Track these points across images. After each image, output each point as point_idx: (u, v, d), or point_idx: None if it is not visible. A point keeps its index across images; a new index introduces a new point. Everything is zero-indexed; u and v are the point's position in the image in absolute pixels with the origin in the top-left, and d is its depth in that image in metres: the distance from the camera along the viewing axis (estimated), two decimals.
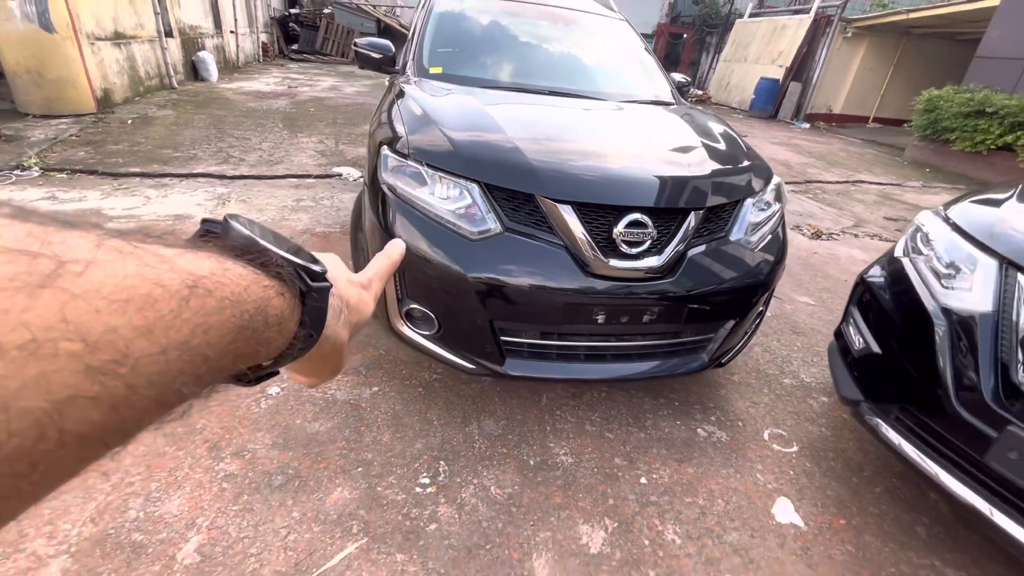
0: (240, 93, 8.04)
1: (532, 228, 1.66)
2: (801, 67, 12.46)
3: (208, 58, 8.52)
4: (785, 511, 1.68)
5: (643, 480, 1.74)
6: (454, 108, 2.04)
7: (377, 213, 1.78)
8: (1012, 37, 8.17)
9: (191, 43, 8.45)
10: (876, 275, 1.83)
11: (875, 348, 1.70)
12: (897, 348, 1.63)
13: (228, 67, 10.31)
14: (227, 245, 0.28)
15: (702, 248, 1.76)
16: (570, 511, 1.59)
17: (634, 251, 1.65)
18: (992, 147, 7.68)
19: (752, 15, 14.58)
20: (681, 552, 1.50)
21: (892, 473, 1.89)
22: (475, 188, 1.67)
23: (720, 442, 1.95)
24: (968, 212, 1.69)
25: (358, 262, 2.53)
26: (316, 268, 0.31)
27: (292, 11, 15.93)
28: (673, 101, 2.72)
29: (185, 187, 4.06)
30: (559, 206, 1.61)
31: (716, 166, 1.90)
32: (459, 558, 1.42)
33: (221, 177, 4.33)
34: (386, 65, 2.64)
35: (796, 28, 12.46)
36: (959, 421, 1.38)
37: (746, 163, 2.02)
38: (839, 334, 1.97)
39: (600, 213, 1.64)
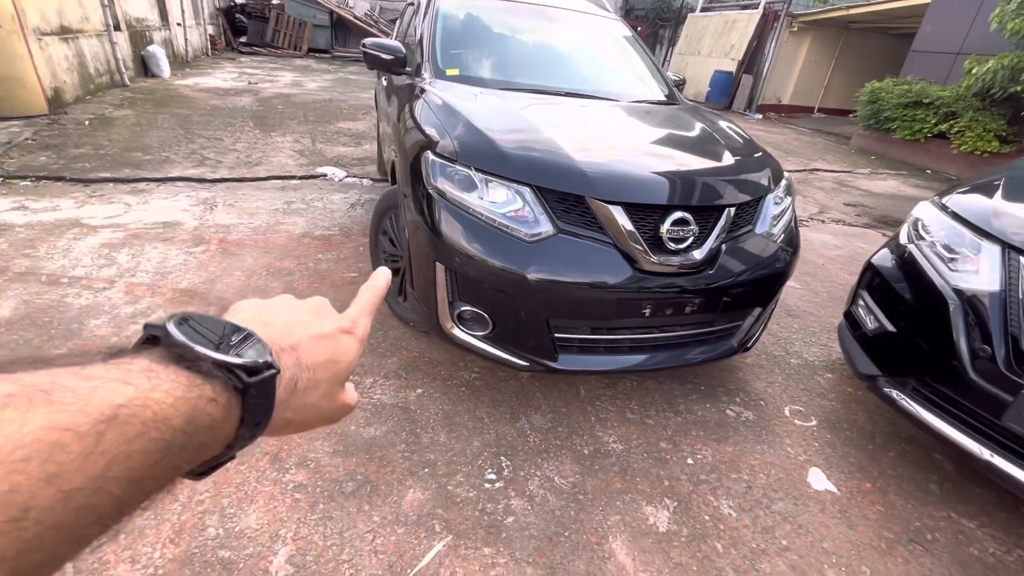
0: (199, 90, 7.65)
1: (583, 228, 1.73)
2: (752, 60, 13.03)
3: (159, 52, 8.04)
4: (819, 479, 1.85)
5: (690, 461, 1.86)
6: (490, 111, 2.07)
7: (425, 218, 1.80)
8: (943, 32, 8.87)
9: (139, 37, 7.95)
10: (884, 261, 2.02)
11: (889, 327, 1.88)
12: (911, 326, 1.81)
13: (178, 62, 9.76)
14: (165, 353, 0.28)
15: (734, 242, 1.89)
16: (632, 495, 1.69)
17: (678, 247, 1.75)
18: (929, 135, 8.33)
19: (703, 9, 15.09)
20: (739, 524, 1.63)
21: (901, 439, 2.09)
22: (527, 191, 1.72)
23: (749, 421, 2.10)
24: (966, 202, 1.89)
25: (378, 263, 2.53)
26: (256, 360, 0.31)
27: (238, 1, 15.19)
28: (677, 100, 2.84)
29: (165, 192, 3.88)
30: (610, 207, 1.69)
31: (742, 164, 2.03)
32: (543, 547, 1.49)
33: (201, 181, 4.16)
34: (397, 67, 2.62)
35: (746, 22, 13.01)
36: (976, 389, 1.57)
37: (764, 160, 2.16)
38: (849, 315, 2.16)
39: (647, 212, 1.73)
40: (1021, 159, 2.22)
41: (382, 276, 0.50)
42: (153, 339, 0.30)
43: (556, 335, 1.78)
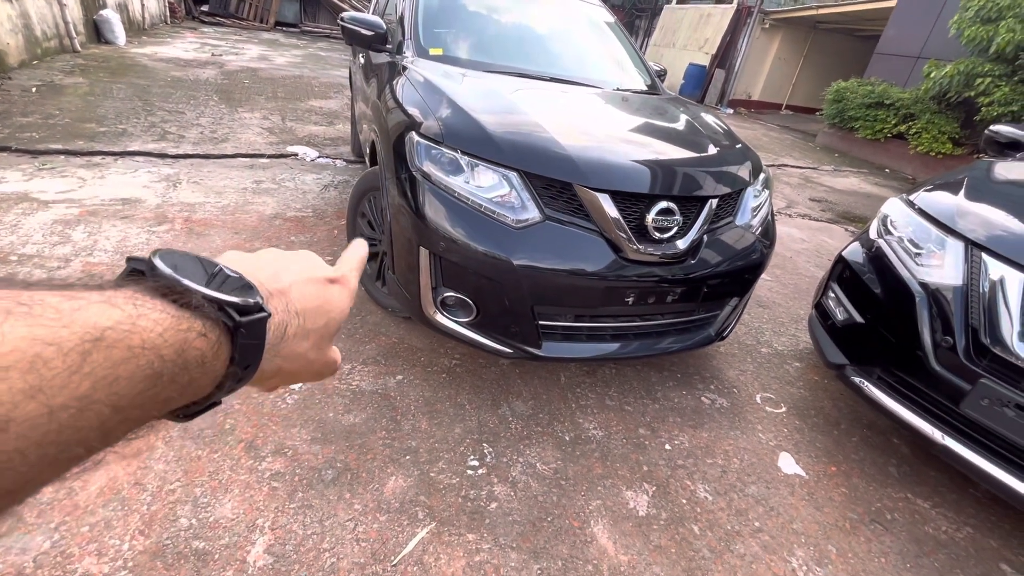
0: (158, 60, 7.22)
1: (570, 215, 1.72)
2: (725, 55, 13.23)
3: (113, 18, 7.54)
4: (788, 464, 1.92)
5: (667, 447, 1.91)
6: (477, 93, 2.03)
7: (408, 201, 1.76)
8: (905, 37, 9.21)
9: (90, 0, 7.43)
10: (855, 255, 2.09)
11: (858, 318, 1.95)
12: (879, 317, 1.89)
13: (134, 29, 9.18)
14: (151, 285, 0.28)
15: (715, 233, 1.92)
16: (613, 480, 1.72)
17: (662, 236, 1.77)
18: (889, 135, 8.68)
19: (679, 1, 15.19)
20: (715, 507, 1.68)
21: (862, 424, 2.20)
22: (514, 176, 1.70)
23: (723, 408, 2.17)
24: (932, 200, 1.98)
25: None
26: (247, 300, 0.30)
27: None
28: (659, 90, 2.86)
29: (123, 167, 3.66)
30: (597, 195, 1.68)
31: (725, 157, 2.06)
32: (526, 532, 1.50)
33: (163, 156, 3.94)
34: (377, 43, 2.53)
35: (720, 17, 13.18)
36: (937, 378, 1.65)
37: (744, 153, 2.20)
38: (819, 306, 2.24)
39: (634, 201, 1.74)
40: (980, 160, 2.33)
41: (360, 246, 0.49)
42: (137, 273, 0.29)
43: (540, 322, 1.78)
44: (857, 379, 1.91)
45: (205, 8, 13.65)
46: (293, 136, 4.95)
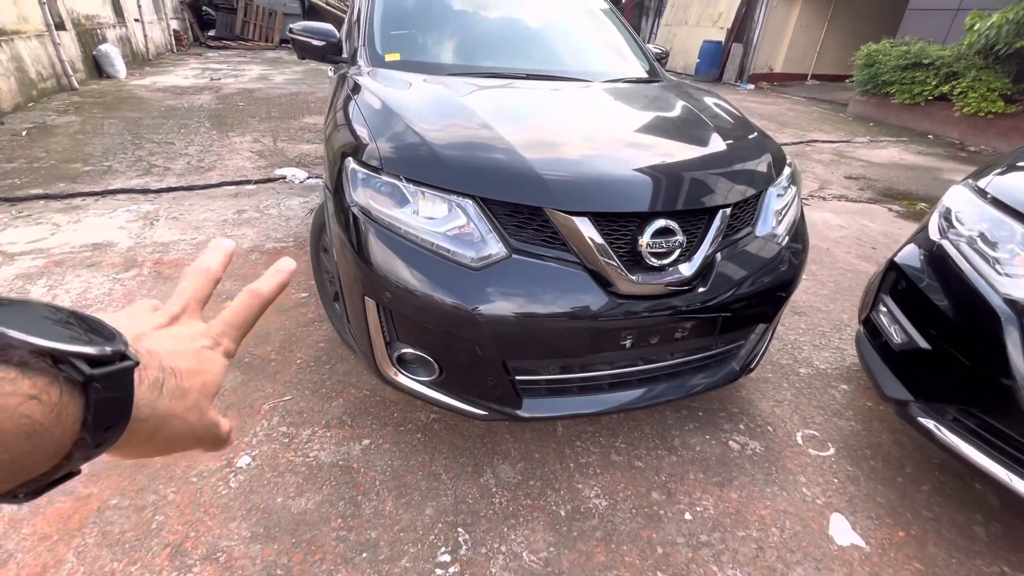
0: (155, 90, 7.19)
1: (542, 247, 1.39)
2: (741, 28, 12.50)
3: (112, 51, 7.56)
4: (842, 530, 1.54)
5: (687, 516, 1.55)
6: (427, 103, 1.72)
7: (351, 240, 1.46)
8: None
9: (89, 35, 7.46)
10: (911, 260, 1.68)
11: (922, 343, 1.55)
12: (950, 343, 1.49)
13: (138, 60, 9.26)
14: None
15: (731, 248, 1.55)
16: (618, 571, 1.39)
17: (662, 262, 1.41)
18: (929, 98, 7.93)
19: None
20: None
21: (933, 466, 1.79)
22: (469, 205, 1.38)
23: (756, 454, 1.79)
24: (1010, 186, 1.55)
25: (324, 287, 2.20)
26: (103, 349, 0.25)
27: None
28: (659, 77, 2.48)
29: (102, 207, 3.51)
30: (574, 219, 1.35)
31: (737, 151, 1.68)
32: None
33: (145, 192, 3.78)
34: (331, 53, 2.25)
35: None
36: None
37: (761, 144, 1.81)
38: (868, 323, 1.83)
39: (621, 222, 1.39)
40: None
41: (275, 274, 0.41)
42: None
43: (518, 378, 1.46)
44: (926, 420, 1.52)
45: (212, 33, 13.80)
46: (283, 157, 4.75)
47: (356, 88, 1.88)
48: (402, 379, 1.51)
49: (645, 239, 1.37)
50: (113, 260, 2.82)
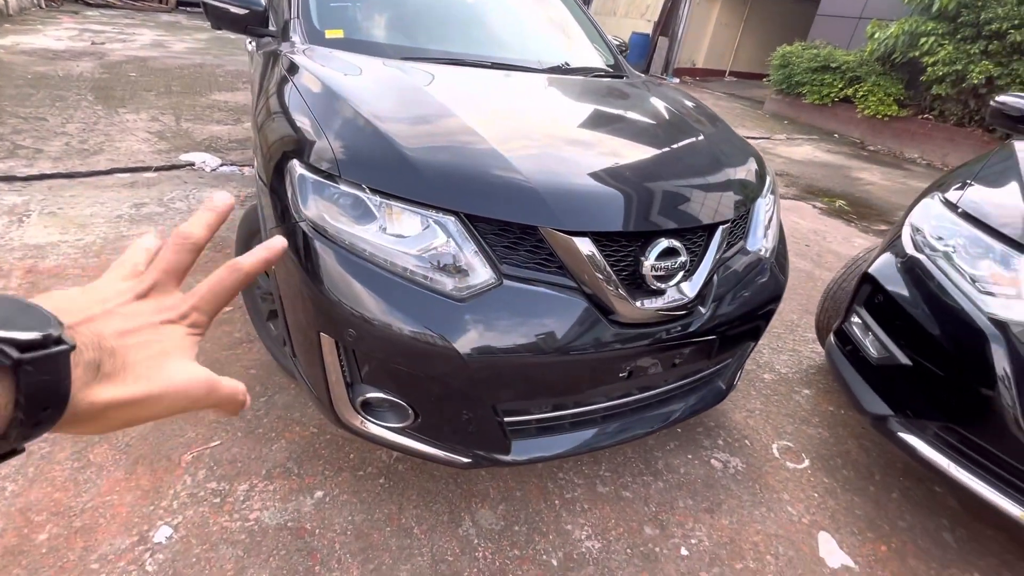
0: (19, 52, 6.04)
1: (535, 272, 1.20)
2: (667, 22, 12.84)
3: None
4: (831, 550, 1.52)
5: (684, 551, 1.46)
6: (389, 94, 1.45)
7: (301, 263, 1.19)
8: None
9: None
10: (887, 273, 1.68)
11: (902, 359, 1.55)
12: (931, 360, 1.49)
13: None
14: None
15: (726, 266, 1.45)
16: None
17: (665, 285, 1.28)
18: (836, 99, 8.57)
19: None
20: None
21: (898, 471, 1.84)
22: (451, 222, 1.15)
23: (739, 472, 1.74)
24: (982, 202, 1.58)
25: (255, 304, 1.87)
26: (32, 334, 0.25)
27: None
28: (624, 71, 2.34)
29: None
30: (575, 240, 1.17)
31: (728, 161, 1.58)
32: None
33: (9, 179, 3.10)
34: (255, 25, 1.88)
35: None
36: None
37: (747, 151, 1.73)
38: (841, 334, 1.83)
39: (623, 243, 1.23)
40: (1007, 143, 1.97)
41: (263, 251, 0.40)
42: None
43: (507, 419, 1.27)
44: (907, 436, 1.52)
45: None
46: (190, 140, 4.13)
47: (293, 68, 1.56)
48: (370, 427, 1.26)
49: (650, 260, 1.23)
50: None
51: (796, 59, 8.97)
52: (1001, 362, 1.31)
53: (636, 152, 1.51)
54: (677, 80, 12.70)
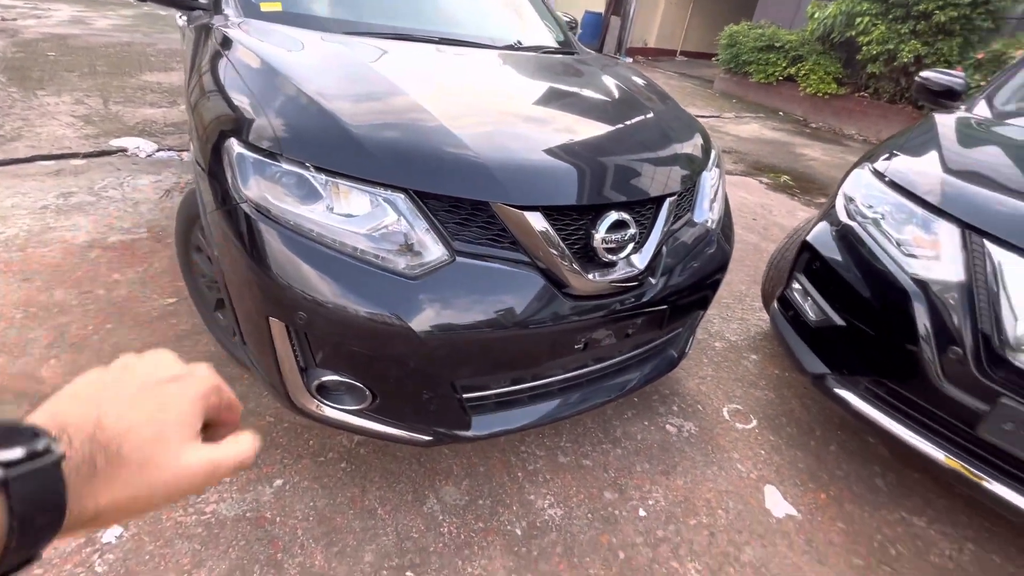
0: None
1: (488, 247, 1.20)
2: (619, 1, 12.87)
3: None
4: (776, 502, 1.63)
5: (642, 512, 1.53)
6: (332, 69, 1.40)
7: (244, 247, 1.14)
8: None
9: None
10: (822, 240, 1.78)
11: (837, 320, 1.66)
12: (863, 320, 1.60)
13: None
14: None
15: (674, 238, 1.50)
16: None
17: (616, 257, 1.31)
18: (780, 78, 8.87)
19: None
20: None
21: (835, 426, 1.97)
22: (400, 199, 1.13)
23: (692, 435, 1.83)
24: (905, 170, 1.69)
25: (201, 294, 1.80)
26: (14, 450, 0.25)
27: None
28: (575, 48, 2.34)
29: None
30: (526, 214, 1.17)
31: (675, 135, 1.62)
32: None
33: None
34: None
35: None
36: (944, 395, 1.38)
37: (692, 125, 1.77)
38: (784, 301, 1.93)
39: (574, 216, 1.25)
40: (929, 116, 2.11)
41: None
42: None
43: (466, 395, 1.28)
44: (841, 391, 1.63)
45: None
46: (120, 124, 3.88)
47: (227, 43, 1.48)
48: (327, 411, 1.25)
49: (600, 233, 1.25)
50: None
51: (743, 39, 9.21)
52: (922, 319, 1.42)
53: (585, 127, 1.52)
54: (630, 60, 12.81)
